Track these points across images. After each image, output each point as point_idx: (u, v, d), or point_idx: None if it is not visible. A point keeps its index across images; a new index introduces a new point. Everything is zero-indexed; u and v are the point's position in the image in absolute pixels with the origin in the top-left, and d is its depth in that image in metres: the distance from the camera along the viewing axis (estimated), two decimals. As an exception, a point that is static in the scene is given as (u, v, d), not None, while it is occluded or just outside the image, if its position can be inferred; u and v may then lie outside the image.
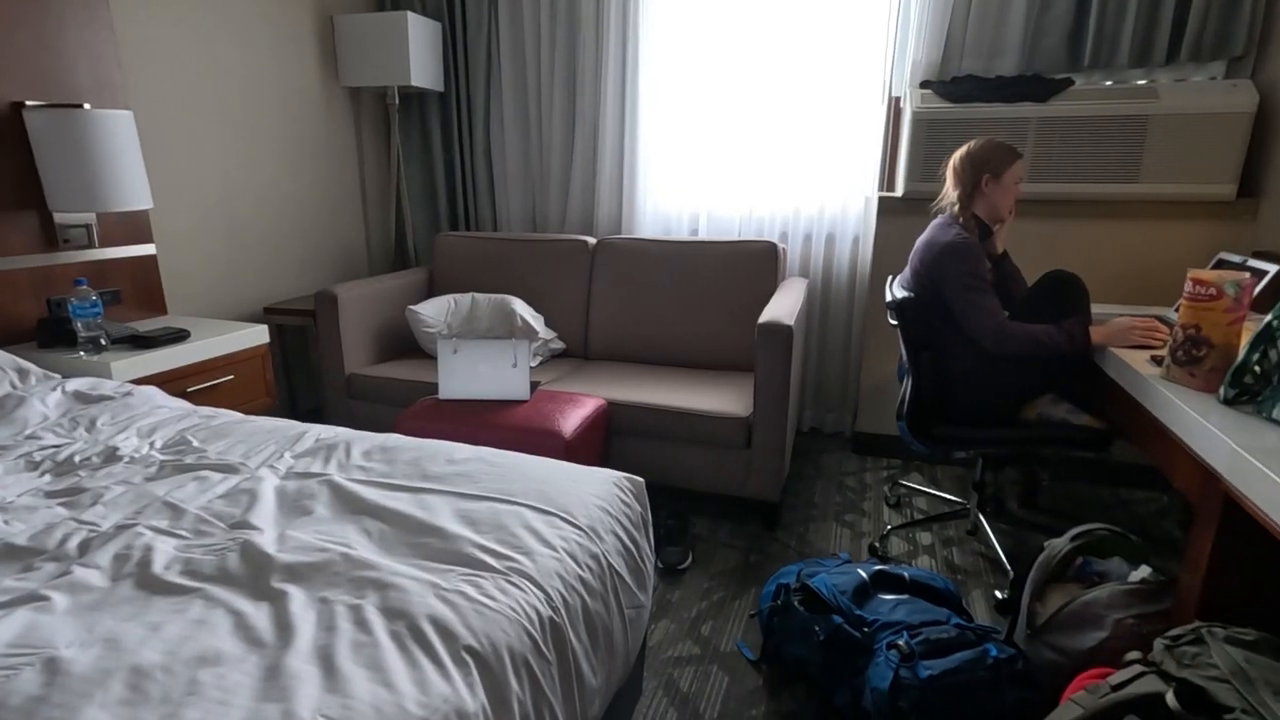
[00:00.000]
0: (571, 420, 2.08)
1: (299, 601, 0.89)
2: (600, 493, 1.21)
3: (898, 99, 2.70)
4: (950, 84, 2.49)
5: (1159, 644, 1.00)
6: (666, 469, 2.32)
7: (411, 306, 2.70)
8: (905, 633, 1.37)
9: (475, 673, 0.81)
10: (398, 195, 3.28)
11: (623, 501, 1.24)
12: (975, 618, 1.82)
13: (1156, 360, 1.54)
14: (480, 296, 2.80)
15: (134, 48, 2.27)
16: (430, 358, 2.70)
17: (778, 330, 2.10)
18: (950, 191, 1.96)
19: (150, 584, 0.93)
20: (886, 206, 2.61)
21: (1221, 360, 1.34)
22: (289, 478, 1.26)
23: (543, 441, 2.03)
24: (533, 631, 0.89)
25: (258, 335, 2.21)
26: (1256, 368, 1.26)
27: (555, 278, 2.91)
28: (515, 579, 0.95)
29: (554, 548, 1.04)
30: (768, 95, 2.82)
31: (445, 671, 0.79)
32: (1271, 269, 1.79)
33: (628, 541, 1.19)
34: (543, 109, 3.08)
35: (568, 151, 3.13)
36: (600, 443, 2.25)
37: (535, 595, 0.94)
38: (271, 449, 1.39)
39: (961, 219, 1.92)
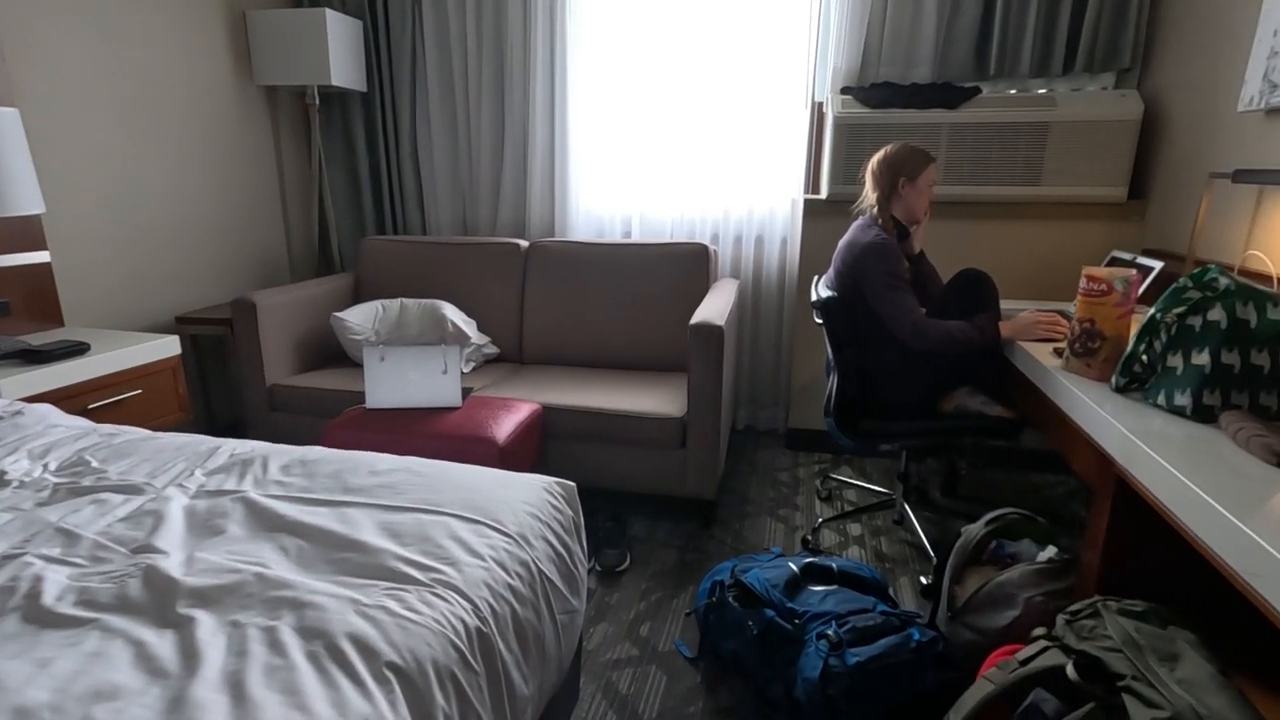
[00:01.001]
0: (505, 426, 2.06)
1: (207, 627, 0.84)
2: (531, 499, 1.20)
3: (820, 104, 2.79)
4: (869, 90, 2.58)
5: (1061, 619, 1.06)
6: (604, 471, 2.32)
7: (337, 313, 2.61)
8: (834, 622, 1.41)
9: (398, 689, 0.79)
10: (320, 198, 3.17)
11: (554, 507, 1.23)
12: (902, 604, 1.90)
13: (1058, 352, 1.64)
14: (409, 302, 2.74)
15: (17, 41, 2.12)
16: (358, 366, 2.62)
17: (709, 331, 2.13)
18: (869, 194, 2.03)
19: (39, 617, 0.87)
20: (812, 209, 2.68)
21: (1114, 351, 1.44)
22: (199, 496, 1.19)
23: (476, 448, 1.99)
24: (459, 643, 0.88)
25: (168, 346, 2.09)
26: (1144, 357, 1.35)
27: (487, 282, 2.87)
28: (441, 591, 0.93)
29: (482, 557, 1.02)
30: (696, 99, 2.86)
31: (365, 690, 0.76)
32: (1157, 265, 1.93)
33: (559, 547, 1.18)
34: (471, 110, 3.04)
35: (498, 153, 3.09)
36: (535, 448, 2.23)
37: (462, 606, 0.92)
38: (180, 467, 1.31)
39: (880, 220, 1.99)
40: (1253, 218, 1.83)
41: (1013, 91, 2.55)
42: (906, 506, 2.25)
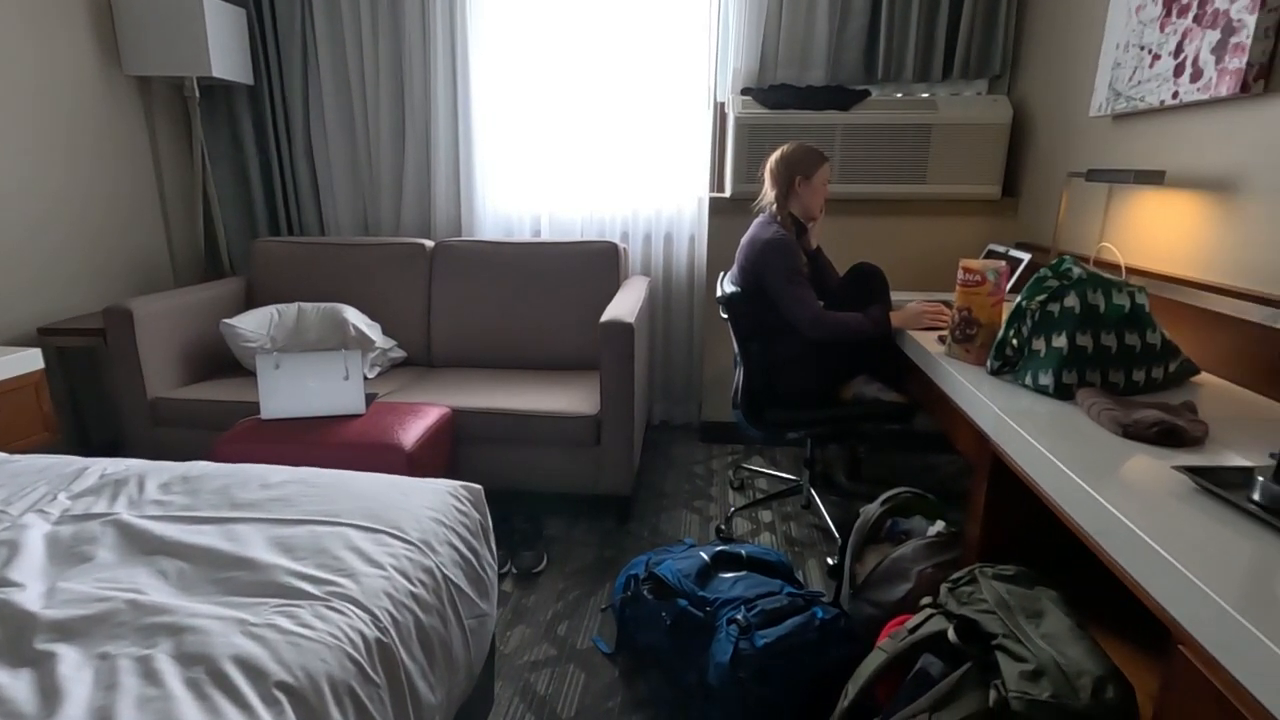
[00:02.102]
0: (412, 431, 2.00)
1: (71, 662, 0.78)
2: (434, 504, 1.18)
3: (722, 104, 2.86)
4: (767, 92, 2.67)
5: (944, 587, 1.14)
6: (519, 473, 2.29)
7: (227, 320, 2.45)
8: (743, 607, 1.46)
9: (289, 710, 0.75)
10: (205, 198, 2.96)
11: (460, 511, 1.21)
12: (812, 584, 1.99)
13: (941, 340, 1.76)
14: (307, 306, 2.61)
15: None
16: (252, 375, 2.47)
17: (619, 328, 2.14)
18: (768, 192, 2.10)
19: None
20: (717, 207, 2.75)
21: (988, 337, 1.56)
22: (63, 522, 1.10)
23: (381, 456, 1.93)
24: (357, 656, 0.85)
25: (28, 361, 1.91)
26: (1014, 341, 1.47)
27: (391, 283, 2.78)
28: (337, 604, 0.90)
29: (381, 567, 0.99)
30: (603, 98, 2.87)
31: (252, 713, 0.73)
32: (1026, 257, 2.09)
33: (465, 551, 1.16)
34: (369, 106, 2.92)
35: (399, 151, 2.99)
36: (446, 452, 2.17)
37: (360, 618, 0.89)
38: (42, 491, 1.20)
39: (780, 217, 2.07)
40: (1105, 212, 2.02)
41: (899, 95, 2.70)
42: (813, 491, 2.35)
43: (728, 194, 2.73)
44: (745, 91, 2.70)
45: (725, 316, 2.06)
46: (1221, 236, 1.57)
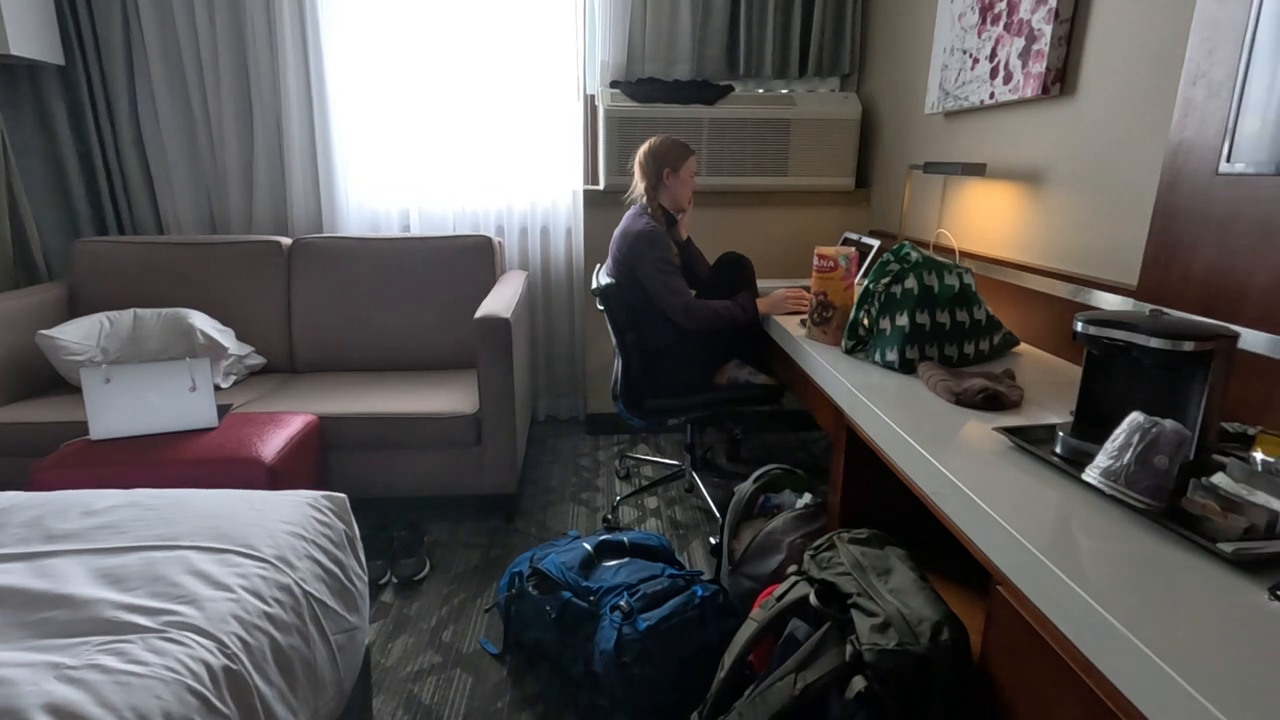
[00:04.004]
0: (273, 443, 1.87)
1: None
2: (291, 517, 1.10)
3: (592, 97, 2.86)
4: (636, 85, 2.70)
5: (806, 555, 1.22)
6: (397, 479, 2.20)
7: (45, 331, 2.18)
8: (626, 593, 1.48)
9: (118, 755, 0.68)
10: (10, 192, 2.60)
11: (321, 522, 1.14)
12: (696, 564, 2.05)
13: (803, 323, 1.86)
14: (145, 313, 2.36)
15: None
16: (80, 391, 2.21)
17: (495, 324, 2.10)
18: (638, 184, 2.13)
19: None
20: (591, 199, 2.76)
21: (842, 319, 1.67)
22: None
23: (238, 471, 1.79)
24: (200, 688, 0.78)
25: None
26: (865, 322, 1.58)
27: (245, 285, 2.57)
28: (175, 634, 0.83)
29: (229, 589, 0.92)
30: (471, 89, 2.78)
31: (71, 765, 0.65)
32: (876, 244, 2.26)
33: (329, 564, 1.10)
34: (208, 91, 2.68)
35: (246, 142, 2.76)
36: (313, 463, 2.05)
37: (203, 647, 0.82)
38: None
39: (650, 209, 2.10)
40: (941, 202, 2.22)
41: (760, 91, 2.82)
42: (695, 475, 2.42)
43: (601, 186, 2.74)
44: (614, 84, 2.72)
45: (601, 308, 2.07)
46: (1034, 222, 1.76)
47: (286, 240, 2.64)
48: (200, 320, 2.37)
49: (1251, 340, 1.10)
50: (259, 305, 2.57)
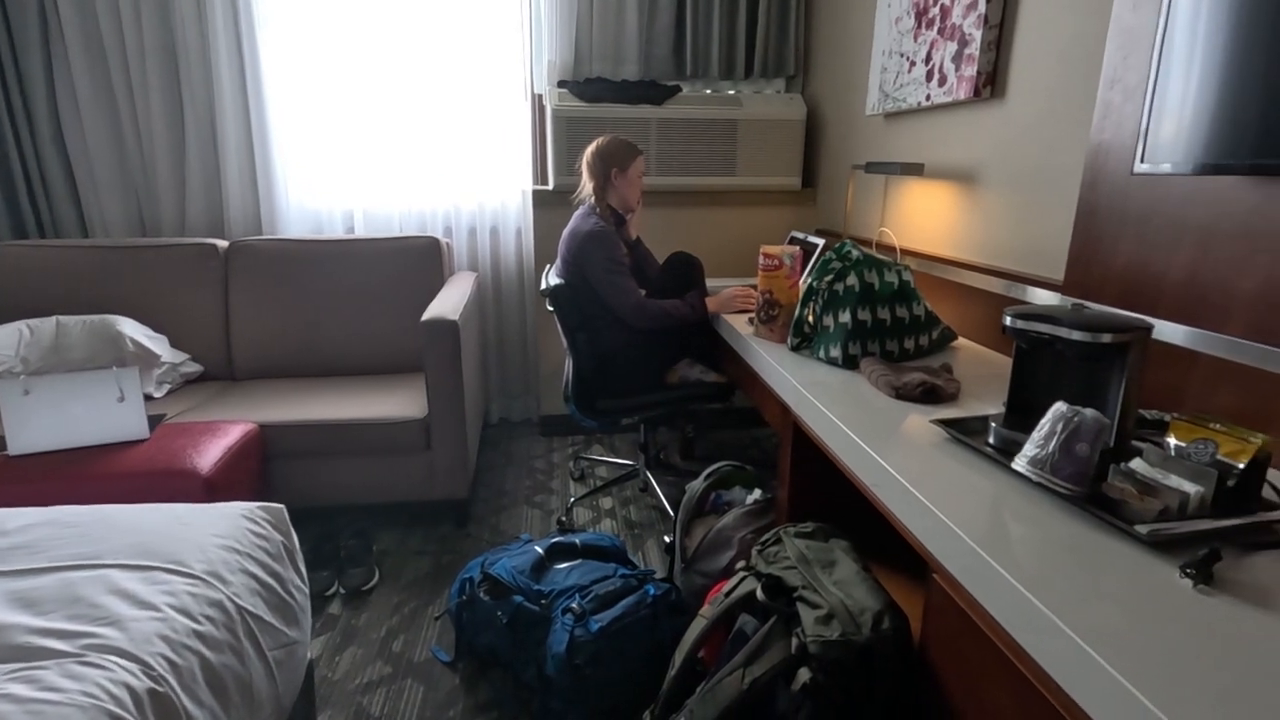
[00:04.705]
0: (210, 454, 1.79)
1: None
2: (225, 530, 1.06)
3: (540, 96, 2.84)
4: (584, 85, 2.69)
5: (754, 550, 1.23)
6: (344, 487, 2.15)
7: (-45, 341, 2.05)
8: (578, 595, 1.47)
9: (30, 788, 0.65)
10: (-84, 195, 2.44)
11: (257, 534, 1.10)
12: (650, 564, 2.05)
13: (751, 321, 1.88)
14: (69, 320, 2.25)
15: None
16: (-4, 405, 2.09)
17: (443, 326, 2.07)
18: (587, 184, 2.13)
19: None
20: (541, 199, 2.74)
21: (788, 316, 1.69)
22: None
23: (172, 484, 1.71)
24: (122, 713, 0.75)
25: None
26: (810, 319, 1.61)
27: (179, 290, 2.47)
28: (94, 658, 0.79)
29: (155, 608, 0.88)
30: (417, 88, 2.72)
31: (-25, 802, 0.62)
32: (821, 242, 2.30)
33: (266, 577, 1.07)
34: (134, 86, 2.55)
35: (177, 139, 2.65)
36: (254, 474, 1.98)
37: (125, 670, 0.79)
38: None
39: (599, 209, 2.10)
40: (884, 201, 2.27)
41: (707, 91, 2.84)
42: (649, 474, 2.43)
43: (550, 186, 2.72)
44: (562, 84, 2.71)
45: (551, 309, 2.06)
46: (970, 220, 1.82)
47: (223, 243, 2.54)
48: (129, 327, 2.27)
49: (1169, 332, 1.16)
50: (194, 311, 2.47)
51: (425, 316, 2.08)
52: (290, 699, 1.10)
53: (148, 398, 2.20)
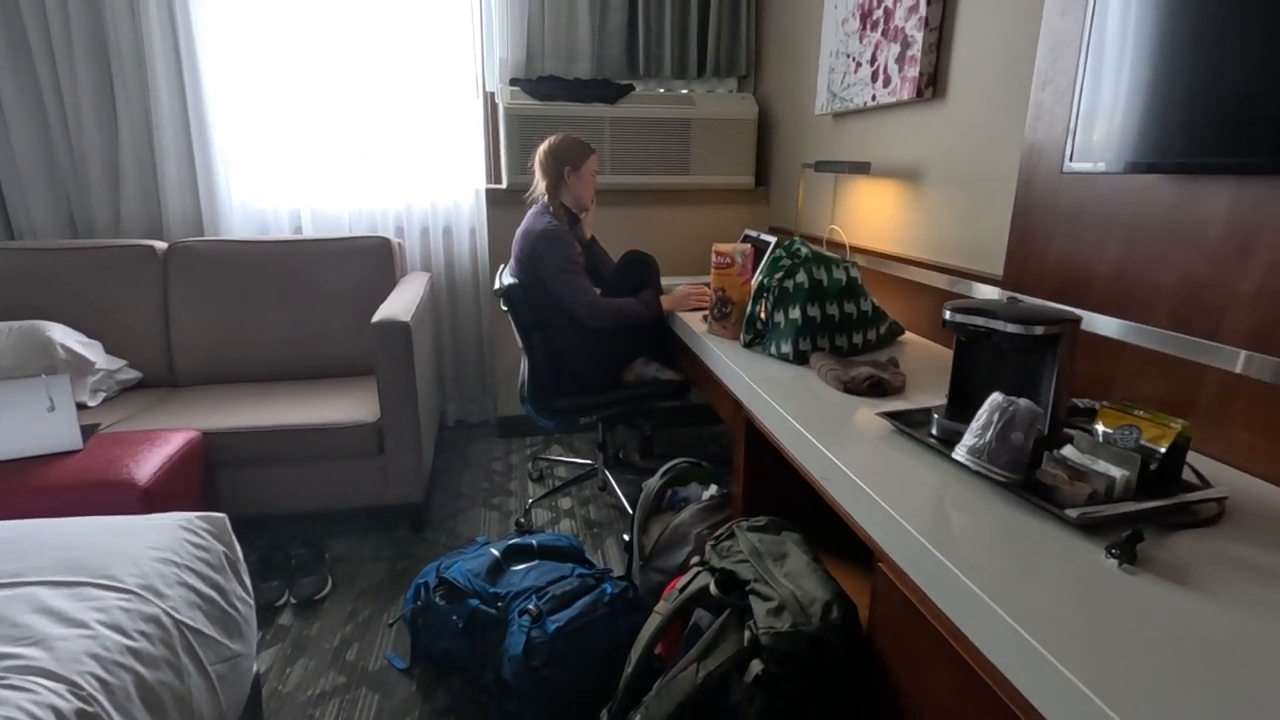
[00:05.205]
0: (148, 463, 1.73)
1: None
2: (161, 542, 1.02)
3: (492, 94, 2.81)
4: (536, 83, 2.67)
5: (708, 545, 1.24)
6: (294, 494, 2.09)
7: None
8: (535, 596, 1.47)
9: (-55, 820, 0.61)
10: None
11: (196, 545, 1.07)
12: (610, 562, 2.05)
13: (705, 319, 1.90)
14: (-7, 326, 2.14)
15: None
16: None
17: (394, 328, 2.03)
18: (540, 183, 2.11)
19: None
20: (494, 198, 2.71)
21: (741, 314, 1.71)
22: None
23: (108, 496, 1.64)
24: (48, 736, 0.71)
25: None
26: (761, 316, 1.63)
27: (114, 294, 2.37)
28: (17, 680, 0.75)
29: (84, 625, 0.84)
30: (365, 84, 2.67)
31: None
32: (773, 239, 2.33)
33: (206, 589, 1.03)
34: (61, 79, 2.44)
35: (110, 135, 2.54)
36: (197, 483, 1.91)
37: (51, 691, 0.75)
38: None
39: (552, 208, 2.09)
40: (833, 199, 2.32)
41: (661, 90, 2.85)
42: (608, 473, 2.43)
43: (504, 185, 2.70)
44: (514, 82, 2.68)
45: (506, 309, 2.04)
46: (915, 218, 1.87)
47: (161, 244, 2.45)
48: (60, 333, 2.17)
49: (1099, 324, 1.21)
50: (132, 315, 2.38)
51: (376, 318, 2.04)
52: (235, 714, 1.06)
53: (81, 406, 2.10)
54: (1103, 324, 1.20)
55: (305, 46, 2.60)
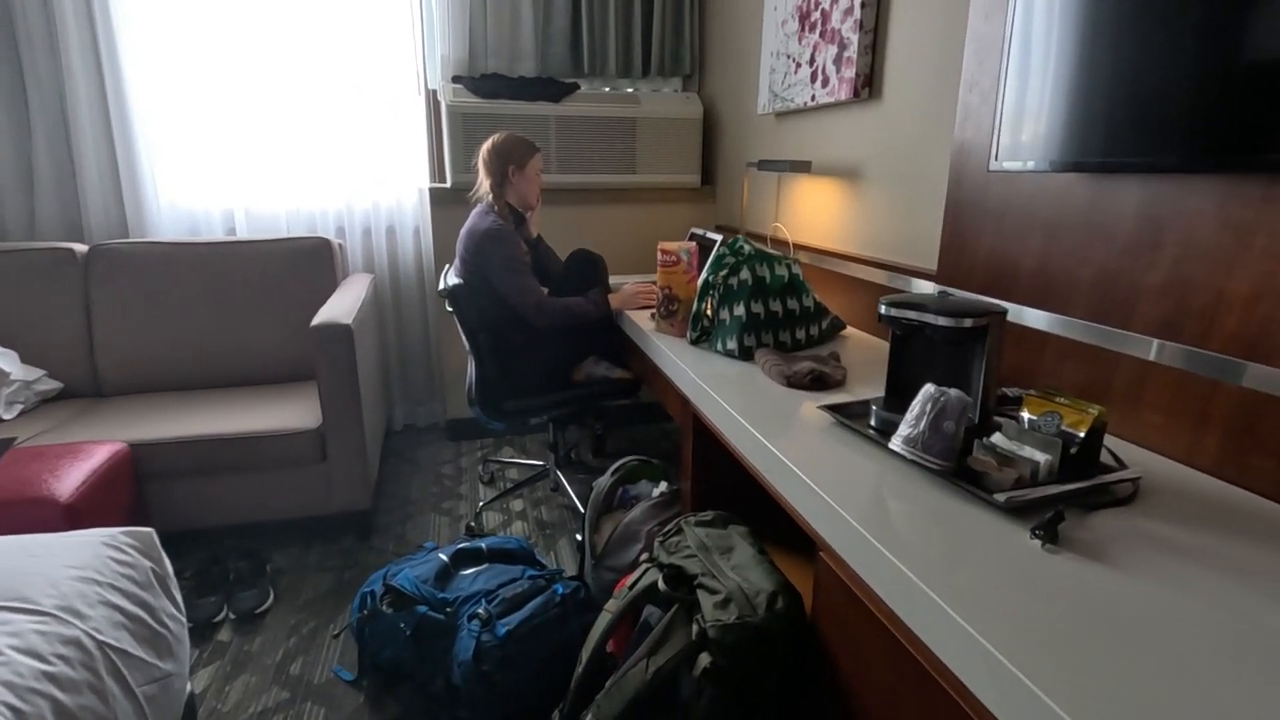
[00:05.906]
0: (70, 478, 1.64)
1: None
2: (81, 560, 0.97)
3: (434, 92, 2.76)
4: (479, 81, 2.64)
5: (656, 542, 1.25)
6: (232, 506, 2.01)
7: None
8: (484, 600, 1.45)
9: None
10: None
11: (120, 562, 1.01)
12: (563, 563, 2.04)
13: (653, 317, 1.90)
14: (-107, 336, 1.99)
15: None
16: None
17: (335, 331, 1.97)
18: (484, 181, 2.09)
19: None
20: (439, 197, 2.66)
21: (687, 311, 1.72)
22: None
23: (28, 514, 1.55)
24: (-47, 771, 0.67)
25: None
26: (707, 313, 1.65)
27: (30, 300, 2.23)
28: (-82, 713, 0.70)
29: (-5, 650, 0.79)
30: (301, 80, 2.58)
31: None
32: (719, 238, 2.35)
33: (132, 608, 0.98)
34: (-34, 75, 2.29)
35: (22, 132, 2.39)
36: (126, 497, 1.82)
37: (-43, 722, 0.71)
38: None
39: (497, 207, 2.06)
40: (777, 197, 2.35)
41: (606, 89, 2.85)
42: (559, 474, 2.41)
43: (449, 184, 2.65)
44: (457, 79, 2.64)
45: (451, 310, 2.01)
46: (854, 215, 1.92)
47: (82, 247, 2.32)
48: (-30, 342, 2.04)
49: (1029, 316, 1.26)
50: (50, 323, 2.25)
51: (316, 321, 1.98)
52: (167, 736, 1.02)
53: (-5, 420, 1.98)
54: (1029, 316, 1.26)
55: (237, 35, 2.50)
